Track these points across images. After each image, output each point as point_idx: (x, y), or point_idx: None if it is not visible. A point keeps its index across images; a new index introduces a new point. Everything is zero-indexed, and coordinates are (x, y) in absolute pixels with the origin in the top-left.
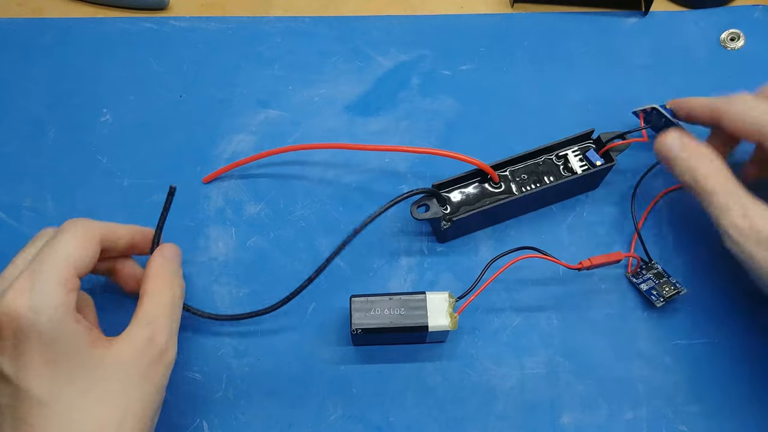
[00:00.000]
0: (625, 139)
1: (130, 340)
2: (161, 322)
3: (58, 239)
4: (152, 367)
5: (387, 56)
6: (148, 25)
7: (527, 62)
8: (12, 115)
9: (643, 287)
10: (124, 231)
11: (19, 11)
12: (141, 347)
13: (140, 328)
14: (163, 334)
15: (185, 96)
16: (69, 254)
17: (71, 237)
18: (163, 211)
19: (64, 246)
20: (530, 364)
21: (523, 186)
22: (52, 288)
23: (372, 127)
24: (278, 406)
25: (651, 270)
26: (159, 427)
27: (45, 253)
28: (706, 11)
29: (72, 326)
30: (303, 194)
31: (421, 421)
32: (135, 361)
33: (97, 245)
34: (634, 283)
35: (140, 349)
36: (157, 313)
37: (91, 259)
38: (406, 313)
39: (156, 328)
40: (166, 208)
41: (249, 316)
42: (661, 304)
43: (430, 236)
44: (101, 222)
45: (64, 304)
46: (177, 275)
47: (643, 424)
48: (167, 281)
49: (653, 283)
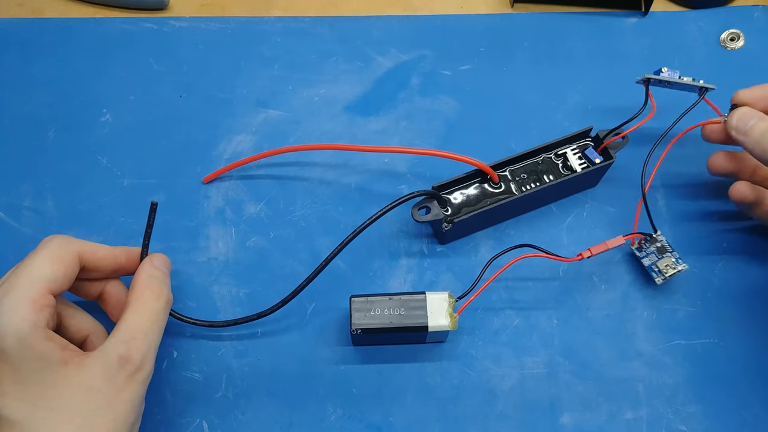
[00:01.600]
0: (623, 131)
1: (103, 358)
2: (139, 340)
3: (32, 258)
4: (125, 385)
5: (387, 56)
6: (148, 25)
7: (527, 62)
8: (12, 115)
9: (645, 262)
10: (105, 252)
11: (19, 11)
12: (114, 366)
13: (116, 345)
14: (139, 351)
15: (185, 96)
16: (41, 272)
17: (46, 254)
18: (147, 227)
19: (38, 264)
20: (530, 364)
21: (523, 185)
22: (20, 308)
23: (372, 127)
24: (278, 406)
25: (654, 243)
26: (159, 427)
27: (17, 273)
28: (706, 11)
29: (42, 345)
30: (303, 194)
31: (421, 421)
32: (107, 381)
33: (74, 262)
34: (637, 258)
35: (113, 368)
36: (137, 328)
37: (66, 276)
38: (406, 313)
39: (132, 347)
40: (149, 225)
41: (246, 320)
42: (660, 282)
43: (429, 236)
44: (81, 240)
45: (32, 323)
46: (164, 285)
47: (643, 424)
48: (153, 292)
49: (655, 258)
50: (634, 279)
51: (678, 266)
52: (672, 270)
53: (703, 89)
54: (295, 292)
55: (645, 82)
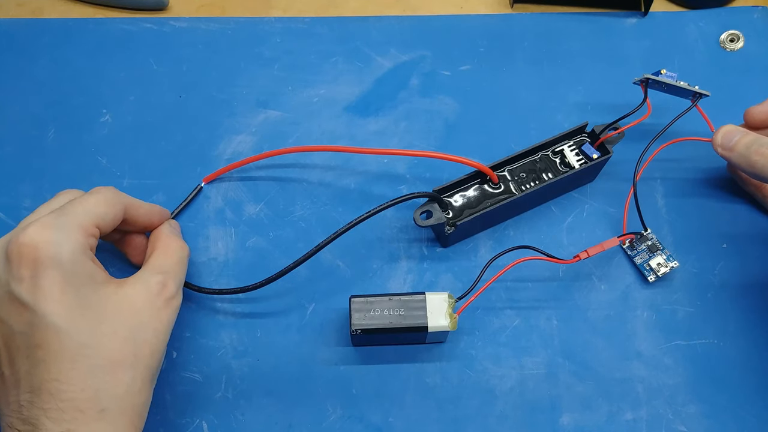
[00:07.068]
0: (619, 128)
1: (143, 282)
2: (172, 273)
3: (87, 197)
4: (162, 309)
5: (387, 57)
6: (148, 26)
7: (527, 62)
8: (12, 115)
9: (637, 260)
10: (145, 209)
11: (19, 11)
12: (153, 290)
13: (152, 274)
14: (174, 282)
15: (185, 96)
16: (95, 208)
17: (100, 197)
18: (185, 202)
19: (92, 201)
20: (530, 364)
21: (522, 185)
22: (74, 228)
23: (371, 128)
24: (278, 406)
25: (645, 241)
26: (159, 427)
27: (73, 203)
28: (706, 12)
29: (89, 263)
30: (302, 195)
31: (421, 422)
32: (148, 302)
33: (121, 211)
34: (629, 257)
35: (153, 292)
36: (168, 266)
37: (112, 221)
38: (406, 313)
39: (168, 277)
40: (187, 202)
41: (236, 291)
42: (653, 279)
43: (429, 237)
44: (128, 195)
45: (83, 243)
46: (183, 241)
47: (643, 425)
48: (178, 242)
49: (647, 256)
50: (634, 279)
51: (669, 264)
52: (663, 268)
53: (697, 95)
54: (290, 267)
55: (643, 82)
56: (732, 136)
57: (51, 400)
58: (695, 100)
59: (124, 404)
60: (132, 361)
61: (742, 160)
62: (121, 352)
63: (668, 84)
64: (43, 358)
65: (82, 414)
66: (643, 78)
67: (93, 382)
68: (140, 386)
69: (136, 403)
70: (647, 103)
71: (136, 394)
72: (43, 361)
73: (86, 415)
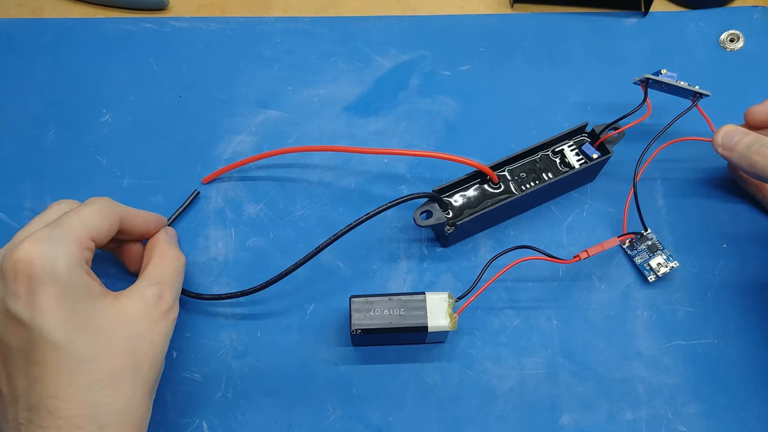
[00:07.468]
0: (619, 128)
1: (139, 294)
2: (168, 283)
3: (81, 209)
4: (160, 320)
5: (387, 57)
6: (148, 26)
7: (527, 62)
8: (12, 115)
9: (637, 260)
10: (141, 218)
11: (19, 11)
12: (150, 302)
13: (148, 285)
14: (171, 293)
15: (185, 96)
16: (90, 220)
17: (95, 208)
18: (181, 208)
19: (87, 213)
20: (530, 364)
21: (522, 184)
22: (69, 242)
23: (371, 128)
24: (278, 406)
25: (645, 241)
26: (159, 427)
27: (68, 215)
28: (706, 12)
29: (85, 277)
30: (302, 195)
31: (421, 422)
32: (144, 314)
33: (116, 223)
34: (629, 257)
35: (149, 303)
36: (165, 276)
37: (107, 233)
38: (406, 313)
39: (164, 287)
40: (184, 207)
41: (234, 295)
42: (653, 279)
43: (429, 237)
44: (123, 205)
45: (79, 256)
46: (179, 250)
47: (643, 425)
48: (174, 251)
49: (647, 256)
50: (634, 279)
51: (669, 264)
52: (663, 268)
53: (697, 95)
54: (288, 270)
55: (643, 82)
56: (732, 136)
57: (49, 418)
58: (695, 100)
59: (124, 419)
60: (131, 374)
61: (743, 160)
62: (120, 365)
63: (668, 84)
64: (40, 375)
65: (81, 431)
66: (643, 78)
67: (91, 398)
68: (140, 399)
69: (136, 416)
70: (647, 103)
71: (136, 408)
72: (41, 378)
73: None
